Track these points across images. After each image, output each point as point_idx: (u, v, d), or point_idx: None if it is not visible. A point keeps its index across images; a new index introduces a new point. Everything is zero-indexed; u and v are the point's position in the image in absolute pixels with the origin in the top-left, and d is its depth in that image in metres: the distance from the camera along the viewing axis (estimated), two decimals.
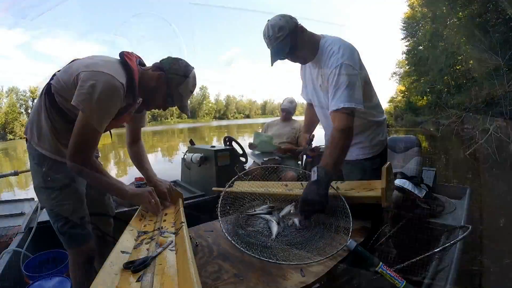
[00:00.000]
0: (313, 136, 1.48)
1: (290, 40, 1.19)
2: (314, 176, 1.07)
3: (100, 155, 1.38)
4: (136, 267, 0.77)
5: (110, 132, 1.30)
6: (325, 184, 1.06)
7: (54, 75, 1.08)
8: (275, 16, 1.24)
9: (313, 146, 1.51)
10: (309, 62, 1.37)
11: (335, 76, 1.16)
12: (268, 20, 1.24)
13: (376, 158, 1.40)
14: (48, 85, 1.06)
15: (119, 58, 1.10)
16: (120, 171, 7.38)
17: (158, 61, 1.16)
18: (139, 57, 1.19)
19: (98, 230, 1.37)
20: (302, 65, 1.50)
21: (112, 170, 7.50)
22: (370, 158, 1.40)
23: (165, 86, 1.12)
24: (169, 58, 1.15)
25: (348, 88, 1.14)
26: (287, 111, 2.96)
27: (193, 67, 1.16)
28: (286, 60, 1.36)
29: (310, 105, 1.62)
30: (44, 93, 1.07)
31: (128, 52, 1.13)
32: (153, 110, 1.30)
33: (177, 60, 1.14)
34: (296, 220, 1.14)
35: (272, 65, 1.25)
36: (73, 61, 1.10)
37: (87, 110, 0.95)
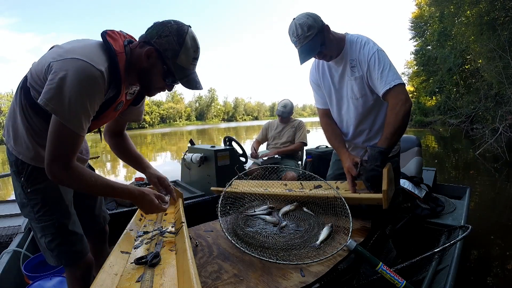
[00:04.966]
0: (365, 161, 1.19)
1: (320, 39, 1.22)
2: (365, 156, 1.15)
3: (98, 155, 1.35)
4: (151, 261, 0.79)
5: (100, 131, 1.14)
6: (376, 162, 1.12)
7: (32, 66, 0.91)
8: (301, 14, 1.25)
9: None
10: (331, 62, 1.37)
11: (376, 60, 1.22)
12: (294, 18, 1.24)
13: (395, 158, 1.40)
14: (25, 78, 0.90)
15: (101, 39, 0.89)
16: (126, 174, 7.31)
17: (144, 33, 0.93)
18: (131, 37, 0.97)
19: (92, 239, 1.24)
20: (312, 71, 1.49)
21: (117, 173, 7.45)
22: (389, 158, 1.35)
23: (159, 63, 0.90)
24: (155, 25, 0.91)
25: (393, 68, 1.22)
26: (281, 116, 2.99)
27: (188, 26, 0.91)
28: (294, 62, 1.36)
29: (324, 115, 1.51)
30: (20, 87, 0.90)
31: (112, 31, 0.92)
32: (156, 112, 1.12)
33: (165, 25, 0.89)
34: (291, 224, 1.15)
35: (301, 63, 1.26)
36: (52, 48, 0.91)
37: (59, 110, 0.77)
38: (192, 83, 0.93)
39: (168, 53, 0.88)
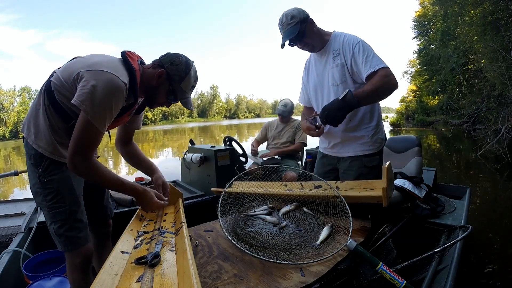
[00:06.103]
0: (316, 113, 1.43)
1: (299, 27, 1.36)
2: (342, 95, 1.24)
3: (99, 155, 1.37)
4: (151, 261, 0.79)
5: (109, 132, 1.27)
6: (347, 106, 1.23)
7: (54, 72, 1.05)
8: (291, 7, 1.42)
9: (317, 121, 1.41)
10: (316, 54, 1.49)
11: (361, 47, 1.33)
12: (284, 11, 1.41)
13: (376, 155, 1.42)
14: (48, 82, 1.03)
15: (121, 57, 1.08)
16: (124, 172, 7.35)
17: (157, 59, 1.15)
18: (140, 57, 1.17)
19: (96, 232, 1.35)
20: (305, 66, 1.59)
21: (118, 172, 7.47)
22: (370, 155, 1.41)
23: (167, 83, 1.12)
24: (168, 54, 1.14)
25: (377, 55, 1.32)
26: (282, 116, 2.99)
27: (193, 61, 1.16)
28: (297, 60, 1.41)
29: (306, 108, 1.67)
30: (43, 90, 1.04)
31: (130, 52, 1.12)
32: (158, 108, 1.28)
33: (177, 56, 1.13)
34: (291, 224, 1.14)
35: (282, 47, 1.40)
36: (74, 58, 1.07)
37: (89, 110, 0.92)
38: (188, 104, 1.21)
39: (176, 77, 1.11)
